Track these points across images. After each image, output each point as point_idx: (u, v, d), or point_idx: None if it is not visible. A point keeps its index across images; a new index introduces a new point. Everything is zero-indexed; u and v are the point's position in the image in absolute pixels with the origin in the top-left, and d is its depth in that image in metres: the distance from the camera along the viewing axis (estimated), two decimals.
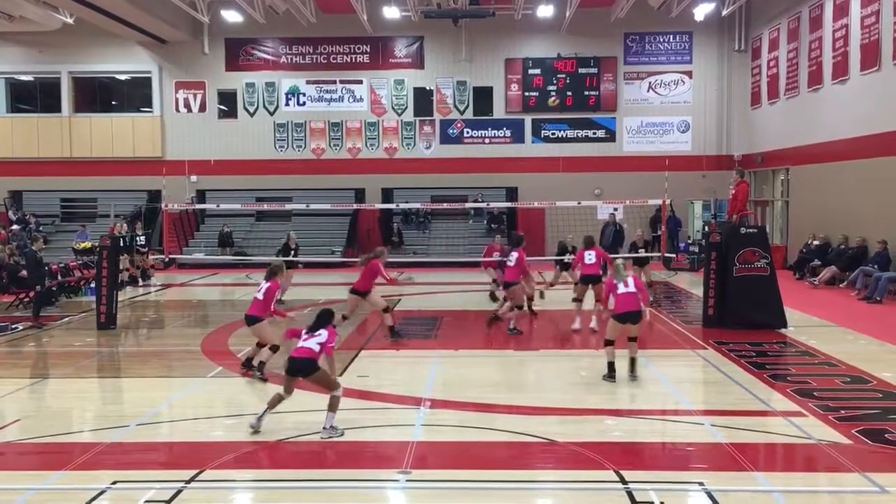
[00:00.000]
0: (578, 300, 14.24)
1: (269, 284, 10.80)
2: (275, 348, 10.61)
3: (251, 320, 10.78)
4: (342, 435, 8.09)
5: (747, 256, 14.11)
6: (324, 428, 8.11)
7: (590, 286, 14.08)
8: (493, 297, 17.49)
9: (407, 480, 6.99)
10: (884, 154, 18.81)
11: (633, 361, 10.49)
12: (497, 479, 7.01)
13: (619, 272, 10.53)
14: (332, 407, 8.17)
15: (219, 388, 10.37)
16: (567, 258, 17.35)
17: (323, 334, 8.33)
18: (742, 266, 14.08)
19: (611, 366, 10.39)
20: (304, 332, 8.43)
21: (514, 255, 13.88)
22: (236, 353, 12.29)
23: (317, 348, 8.23)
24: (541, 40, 29.27)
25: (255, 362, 10.80)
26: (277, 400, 8.32)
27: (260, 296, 10.75)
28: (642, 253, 18.06)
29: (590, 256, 13.94)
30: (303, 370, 8.21)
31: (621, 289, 10.39)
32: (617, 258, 12.90)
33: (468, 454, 7.76)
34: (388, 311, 13.44)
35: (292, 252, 18.05)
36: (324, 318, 8.53)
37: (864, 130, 19.74)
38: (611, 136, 29.35)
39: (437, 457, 7.71)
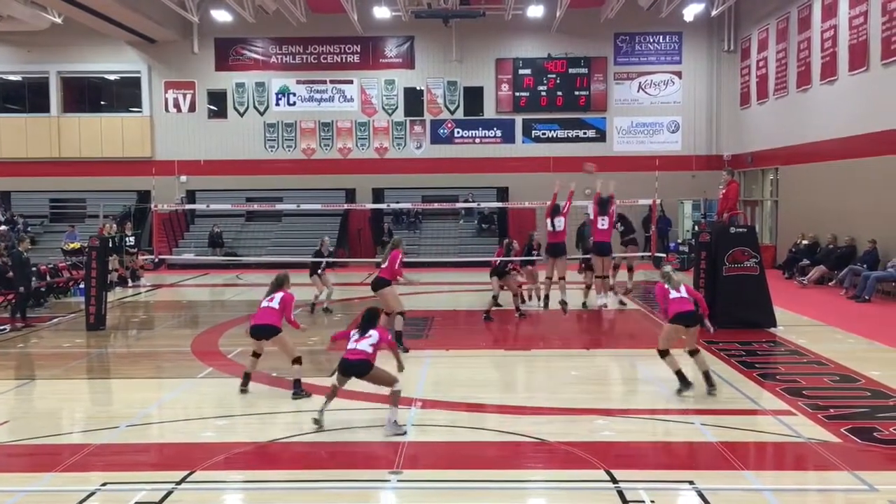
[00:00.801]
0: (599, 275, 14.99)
1: (283, 294, 10.10)
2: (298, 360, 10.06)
3: (272, 330, 9.94)
4: (405, 433, 8.10)
5: (737, 256, 14.15)
6: (387, 423, 8.14)
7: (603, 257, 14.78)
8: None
9: (398, 481, 6.99)
10: (872, 154, 18.92)
11: (706, 375, 9.74)
12: (488, 479, 7.02)
13: (671, 279, 9.92)
14: (395, 402, 8.21)
15: (209, 389, 10.33)
16: (535, 256, 17.31)
17: (374, 335, 8.36)
18: (732, 265, 14.13)
19: (679, 374, 9.68)
20: (352, 333, 8.47)
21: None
22: (226, 355, 12.26)
23: (370, 349, 8.28)
24: (531, 40, 29.30)
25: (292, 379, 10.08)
26: (334, 392, 8.43)
27: (275, 305, 9.97)
28: (619, 228, 17.85)
29: (603, 222, 14.71)
30: (358, 371, 8.27)
31: (673, 294, 9.80)
32: (665, 266, 12.50)
33: (459, 454, 7.77)
34: (402, 316, 12.83)
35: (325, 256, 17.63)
36: (371, 319, 8.55)
37: (853, 130, 19.84)
38: (601, 136, 29.41)
39: (428, 457, 7.70)
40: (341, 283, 17.07)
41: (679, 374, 9.65)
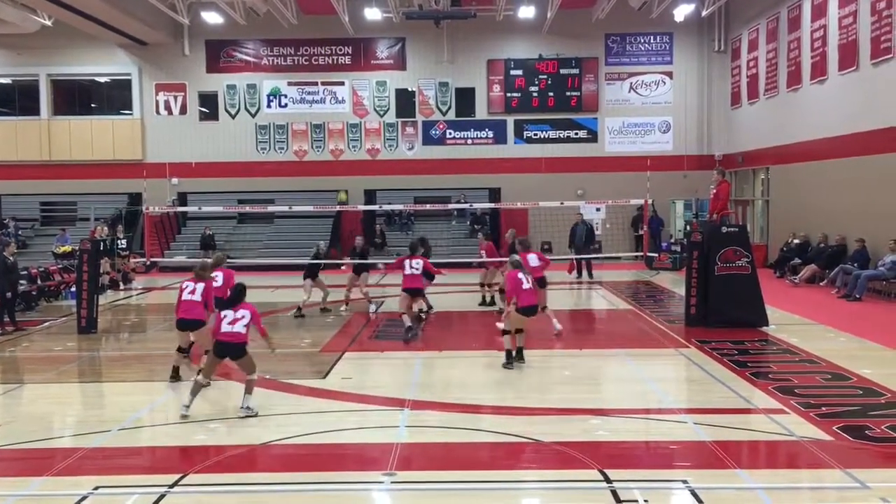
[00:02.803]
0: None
1: (205, 284, 10.48)
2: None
3: (197, 324, 10.33)
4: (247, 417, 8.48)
5: (728, 255, 14.19)
6: (244, 407, 8.73)
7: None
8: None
9: (392, 482, 6.98)
10: (862, 153, 19.00)
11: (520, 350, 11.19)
12: (482, 480, 7.01)
13: (523, 267, 11.31)
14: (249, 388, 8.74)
15: (201, 392, 10.27)
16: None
17: (246, 314, 8.91)
18: (723, 265, 14.16)
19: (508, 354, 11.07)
20: (223, 314, 8.87)
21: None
22: None
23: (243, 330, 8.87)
24: (522, 41, 29.32)
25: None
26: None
27: (197, 297, 10.30)
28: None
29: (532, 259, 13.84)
30: (232, 353, 8.81)
31: (525, 284, 10.99)
32: (513, 256, 12.61)
33: (453, 455, 7.76)
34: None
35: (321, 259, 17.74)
36: (237, 295, 9.01)
37: (843, 130, 19.92)
38: (593, 137, 29.45)
39: (421, 458, 7.70)
40: (331, 284, 17.04)
41: (508, 353, 11.06)
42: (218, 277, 11.60)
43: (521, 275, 10.99)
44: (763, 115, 25.51)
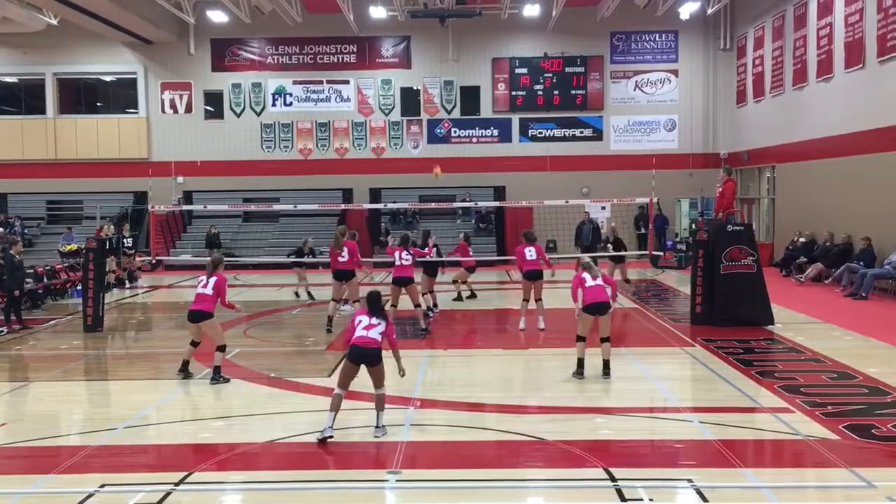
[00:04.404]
0: (525, 299, 14.21)
1: (217, 278, 10.69)
2: (223, 348, 10.62)
3: (205, 315, 10.58)
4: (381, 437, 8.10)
5: (734, 254, 14.17)
6: (377, 426, 8.21)
7: (532, 282, 13.98)
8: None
9: (397, 480, 6.99)
10: (868, 151, 18.93)
11: (605, 363, 10.57)
12: (487, 479, 7.02)
13: (591, 268, 10.63)
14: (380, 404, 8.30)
15: (207, 390, 10.31)
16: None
17: (381, 322, 8.42)
18: (729, 263, 14.14)
19: (580, 362, 10.53)
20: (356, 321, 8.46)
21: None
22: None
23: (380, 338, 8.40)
24: (527, 39, 29.30)
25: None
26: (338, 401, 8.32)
27: (209, 290, 10.58)
28: (611, 249, 17.90)
29: (530, 252, 13.96)
30: (367, 360, 8.28)
31: (590, 282, 10.43)
32: (583, 257, 12.72)
33: (457, 454, 7.77)
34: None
35: (306, 256, 18.16)
36: (374, 303, 8.56)
37: (849, 128, 19.86)
38: (598, 135, 29.42)
39: (426, 457, 7.70)
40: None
41: (579, 361, 10.49)
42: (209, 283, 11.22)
43: (584, 274, 10.53)
44: (769, 113, 25.44)
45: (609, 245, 17.95)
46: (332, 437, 7.91)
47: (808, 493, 6.91)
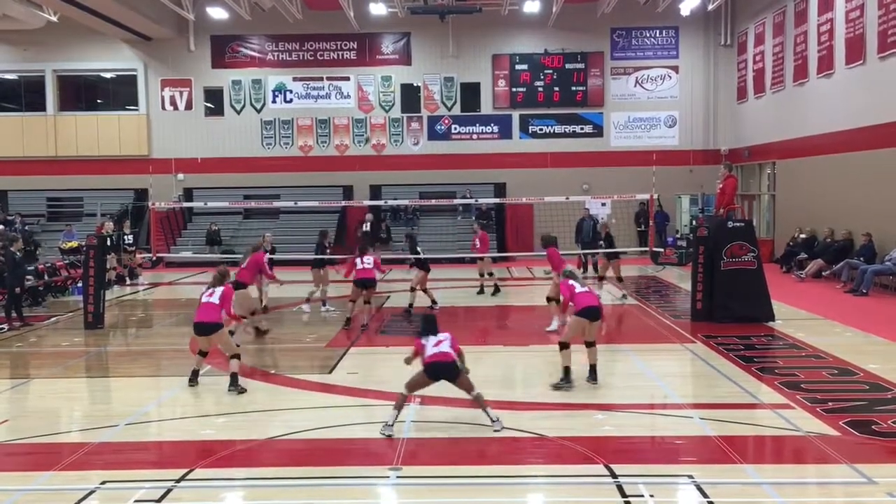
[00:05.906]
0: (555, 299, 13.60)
1: (224, 288, 10.36)
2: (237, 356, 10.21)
3: (215, 327, 10.14)
4: (500, 430, 8.09)
5: (734, 250, 14.17)
6: (492, 421, 8.18)
7: None
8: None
9: (397, 477, 6.99)
10: (869, 147, 18.93)
11: (592, 368, 10.13)
12: (487, 475, 7.02)
13: (576, 275, 10.51)
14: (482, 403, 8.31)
15: (208, 387, 10.31)
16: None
17: (447, 336, 8.59)
18: (729, 260, 14.14)
19: (567, 370, 9.96)
20: (424, 340, 8.55)
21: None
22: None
23: (452, 351, 8.49)
24: (528, 36, 29.26)
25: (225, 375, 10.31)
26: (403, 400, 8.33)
27: (215, 300, 10.19)
28: (603, 245, 17.86)
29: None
30: (447, 374, 8.37)
31: (579, 288, 10.14)
32: (567, 266, 12.40)
33: (458, 450, 7.78)
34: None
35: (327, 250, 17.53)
36: (431, 323, 8.80)
37: (850, 124, 19.85)
38: (598, 132, 29.39)
39: (427, 453, 7.71)
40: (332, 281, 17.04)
41: (566, 370, 9.90)
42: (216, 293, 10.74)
43: (571, 281, 10.30)
44: (769, 109, 25.42)
45: (601, 242, 18.01)
46: (391, 434, 7.95)
47: (809, 490, 6.91)
